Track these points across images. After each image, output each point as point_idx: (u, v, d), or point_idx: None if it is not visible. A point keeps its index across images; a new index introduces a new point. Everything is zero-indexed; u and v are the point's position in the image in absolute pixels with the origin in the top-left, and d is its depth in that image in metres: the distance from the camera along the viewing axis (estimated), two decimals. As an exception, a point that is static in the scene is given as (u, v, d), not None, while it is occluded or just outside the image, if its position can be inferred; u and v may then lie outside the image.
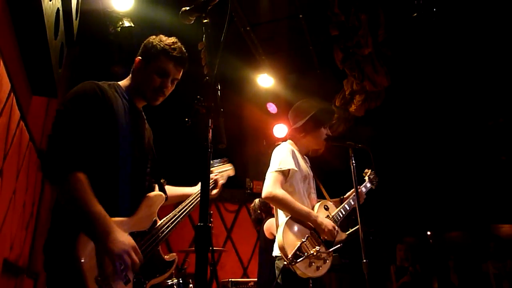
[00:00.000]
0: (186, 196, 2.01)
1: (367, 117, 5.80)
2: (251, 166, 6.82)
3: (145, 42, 1.88)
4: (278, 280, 2.57)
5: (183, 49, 1.87)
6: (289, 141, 2.98)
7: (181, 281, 4.24)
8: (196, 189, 2.14)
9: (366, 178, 3.32)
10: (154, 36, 1.87)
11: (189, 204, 1.94)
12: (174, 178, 2.20)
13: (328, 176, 7.07)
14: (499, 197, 7.56)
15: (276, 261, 2.65)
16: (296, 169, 2.73)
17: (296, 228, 2.63)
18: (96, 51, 4.84)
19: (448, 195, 7.80)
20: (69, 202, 1.49)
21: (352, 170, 3.21)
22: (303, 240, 2.58)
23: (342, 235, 2.97)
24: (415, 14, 4.46)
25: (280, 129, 6.57)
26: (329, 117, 3.05)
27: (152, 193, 1.80)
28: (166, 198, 1.88)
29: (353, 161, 3.24)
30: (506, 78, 5.31)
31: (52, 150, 1.52)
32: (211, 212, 5.67)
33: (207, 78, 1.36)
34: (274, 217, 4.44)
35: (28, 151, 3.16)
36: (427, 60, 5.22)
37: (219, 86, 1.36)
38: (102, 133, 1.62)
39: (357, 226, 3.17)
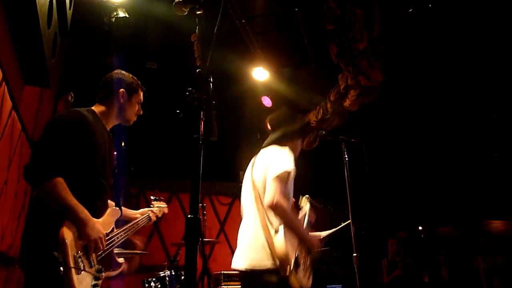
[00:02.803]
0: (133, 218, 2.44)
1: (361, 111, 5.81)
2: (245, 159, 6.82)
3: (121, 77, 2.31)
4: None
5: None
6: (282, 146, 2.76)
7: (173, 273, 4.26)
8: (142, 215, 2.55)
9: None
10: (122, 72, 2.34)
11: (126, 228, 2.30)
12: (166, 168, 2.30)
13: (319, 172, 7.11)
14: (490, 193, 7.64)
15: (266, 275, 2.36)
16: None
17: (290, 236, 2.46)
18: (90, 42, 4.80)
19: (440, 191, 7.86)
20: (52, 201, 1.82)
21: (345, 164, 3.24)
22: (297, 250, 2.46)
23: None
24: (411, 10, 4.46)
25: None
26: (307, 134, 2.99)
27: (113, 207, 2.19)
28: (121, 213, 2.25)
29: (346, 156, 3.26)
30: (501, 75, 5.34)
31: (36, 159, 1.85)
32: (205, 204, 5.70)
33: (200, 70, 1.36)
34: None
35: (20, 141, 3.15)
36: (422, 56, 5.23)
37: (211, 79, 1.35)
38: (81, 151, 1.97)
39: (349, 221, 3.20)
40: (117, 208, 2.22)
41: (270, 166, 2.54)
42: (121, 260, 2.18)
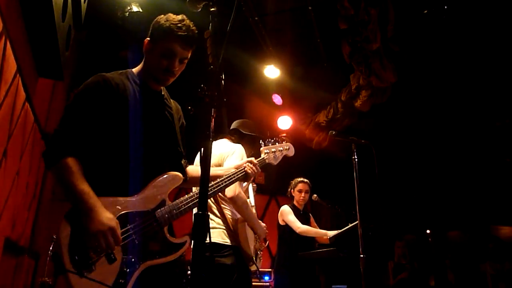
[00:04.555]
0: (215, 178, 1.99)
1: (372, 112, 5.77)
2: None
3: (153, 22, 1.86)
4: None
5: (192, 26, 1.82)
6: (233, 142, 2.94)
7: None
8: (229, 170, 2.16)
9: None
10: (162, 16, 1.85)
11: (213, 186, 1.91)
12: None
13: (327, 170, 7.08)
14: (501, 199, 7.54)
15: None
16: None
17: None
18: (104, 36, 4.83)
19: (450, 195, 7.79)
20: (60, 183, 1.59)
21: (354, 165, 3.22)
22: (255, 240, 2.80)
23: None
24: (426, 11, 4.41)
25: (284, 121, 6.56)
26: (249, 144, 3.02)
27: (165, 174, 1.78)
28: (185, 179, 1.88)
29: (355, 157, 3.25)
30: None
31: (51, 139, 1.65)
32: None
33: (212, 67, 1.36)
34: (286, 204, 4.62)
35: (33, 133, 3.18)
36: (436, 58, 5.17)
37: (223, 76, 1.35)
38: (105, 119, 1.69)
39: (356, 222, 3.19)
40: (174, 173, 1.81)
41: (228, 159, 2.71)
42: (180, 239, 1.76)
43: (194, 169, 2.11)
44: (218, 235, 2.62)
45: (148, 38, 1.85)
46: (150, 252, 1.64)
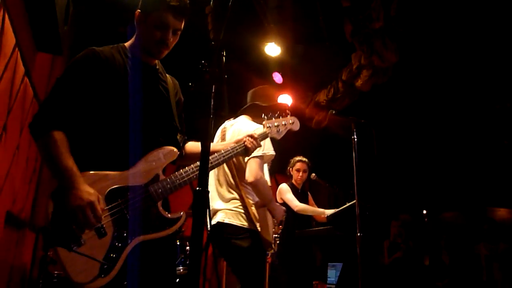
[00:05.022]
0: (213, 152, 1.93)
1: (372, 92, 5.74)
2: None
3: None
4: None
5: None
6: (253, 121, 2.81)
7: (178, 243, 4.35)
8: (229, 144, 2.12)
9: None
10: None
11: (210, 161, 1.84)
12: None
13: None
14: (498, 180, 7.59)
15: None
16: (273, 155, 2.66)
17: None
18: (102, 10, 4.76)
19: (447, 176, 7.83)
20: (44, 156, 1.58)
21: (353, 145, 3.23)
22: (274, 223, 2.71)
23: None
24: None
25: (284, 99, 6.53)
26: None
27: (160, 148, 1.74)
28: (181, 154, 1.85)
29: (355, 136, 3.25)
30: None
31: (39, 110, 1.63)
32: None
33: (213, 43, 1.35)
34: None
35: (32, 107, 3.18)
36: (439, 38, 5.11)
37: (224, 52, 1.34)
38: (96, 92, 1.66)
39: (354, 201, 3.22)
40: (169, 147, 1.77)
41: None
42: (176, 214, 1.73)
43: (193, 145, 2.07)
44: (236, 217, 2.57)
45: (139, 10, 1.78)
46: (143, 227, 1.62)
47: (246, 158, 2.55)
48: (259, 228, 2.55)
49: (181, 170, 1.76)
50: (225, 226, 2.53)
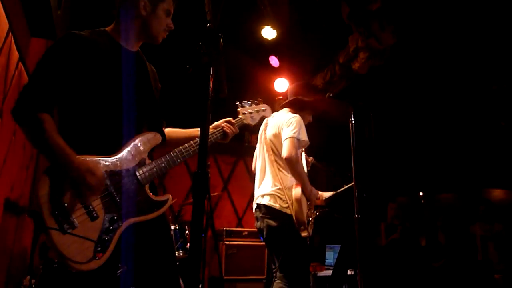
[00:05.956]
0: (194, 138, 1.97)
1: (369, 74, 5.71)
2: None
3: None
4: None
5: None
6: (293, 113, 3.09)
7: (177, 228, 4.38)
8: (215, 129, 2.15)
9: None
10: None
11: (189, 147, 1.89)
12: (173, 124, 2.20)
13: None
14: (494, 162, 7.64)
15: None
16: (308, 142, 2.98)
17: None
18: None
19: (443, 157, 7.88)
20: (34, 141, 1.60)
21: (351, 128, 3.22)
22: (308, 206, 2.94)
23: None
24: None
25: (281, 83, 6.50)
26: (316, 111, 3.25)
27: (145, 133, 1.78)
28: (164, 139, 1.89)
29: (353, 119, 3.24)
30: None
31: (21, 95, 1.60)
32: (209, 163, 5.76)
33: (210, 24, 1.33)
34: None
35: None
36: (436, 20, 5.07)
37: (221, 34, 1.33)
38: (78, 76, 1.65)
39: (351, 184, 3.24)
40: (153, 133, 1.82)
41: (284, 129, 2.92)
42: (163, 197, 1.78)
43: (172, 131, 2.11)
44: (272, 199, 2.84)
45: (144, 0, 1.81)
46: (133, 210, 1.66)
47: (283, 138, 2.84)
48: (292, 210, 2.76)
49: (166, 155, 1.82)
50: (262, 207, 2.86)
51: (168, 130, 2.09)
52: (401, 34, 4.84)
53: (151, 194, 1.74)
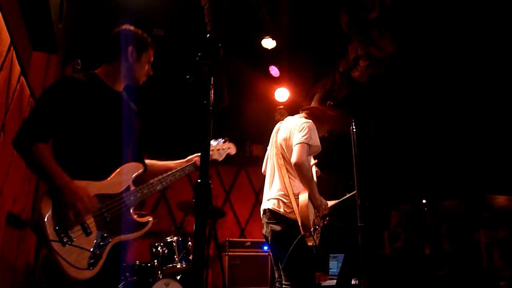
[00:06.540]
0: (166, 170, 2.23)
1: (369, 82, 5.72)
2: (251, 130, 6.82)
3: (129, 33, 2.14)
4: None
5: None
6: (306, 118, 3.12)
7: (180, 239, 4.36)
8: (181, 163, 2.38)
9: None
10: (130, 27, 2.17)
11: (165, 177, 2.15)
12: (175, 135, 2.27)
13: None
14: (496, 168, 7.62)
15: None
16: (320, 148, 2.98)
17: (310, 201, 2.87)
18: (96, 7, 4.72)
19: (445, 164, 7.86)
20: (33, 168, 1.84)
21: (352, 136, 3.22)
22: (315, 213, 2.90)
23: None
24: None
25: (281, 93, 6.51)
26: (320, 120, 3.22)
27: (129, 163, 2.04)
28: (145, 169, 2.14)
29: (354, 127, 3.24)
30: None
31: (21, 128, 1.83)
32: (210, 174, 5.75)
33: (210, 35, 1.34)
34: None
35: (29, 107, 3.16)
36: (435, 27, 5.09)
37: (221, 44, 1.33)
38: (73, 114, 1.90)
39: (354, 192, 3.22)
40: (136, 163, 2.09)
41: (295, 133, 2.92)
42: (144, 219, 2.03)
43: (150, 162, 2.34)
44: (278, 204, 2.84)
45: (132, 47, 2.10)
46: (119, 229, 1.90)
47: (294, 143, 2.83)
48: (298, 216, 2.73)
49: (147, 182, 2.09)
50: (267, 211, 2.87)
51: (147, 161, 2.30)
52: (400, 42, 4.87)
53: (135, 216, 2.00)
